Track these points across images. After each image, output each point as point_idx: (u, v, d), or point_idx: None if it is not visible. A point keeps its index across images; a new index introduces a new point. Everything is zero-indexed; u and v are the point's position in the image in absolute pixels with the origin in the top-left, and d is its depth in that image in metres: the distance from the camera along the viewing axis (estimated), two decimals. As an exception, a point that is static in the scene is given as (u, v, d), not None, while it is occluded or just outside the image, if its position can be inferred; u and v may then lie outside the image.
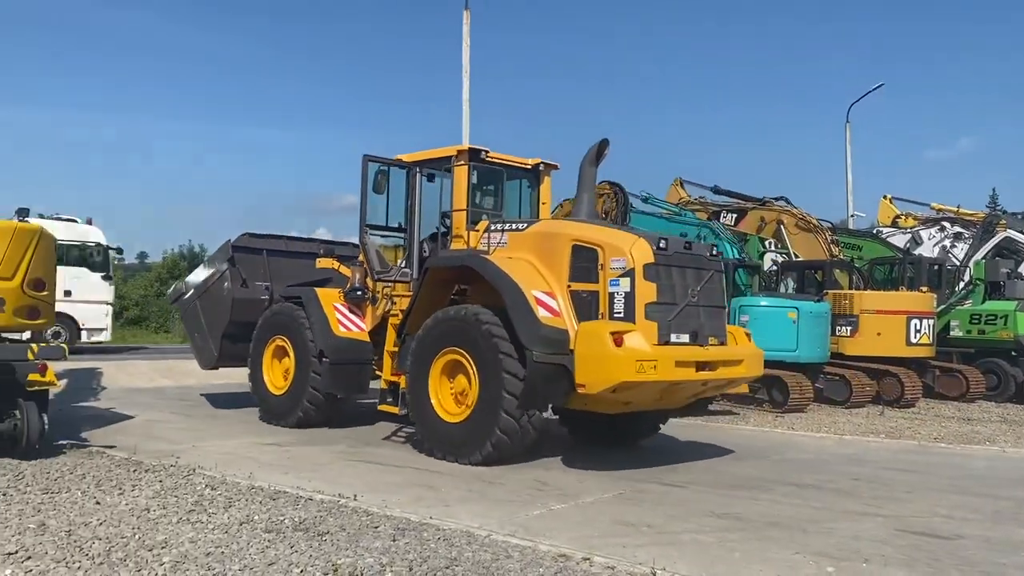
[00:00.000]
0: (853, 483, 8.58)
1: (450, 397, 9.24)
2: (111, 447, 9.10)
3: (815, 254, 18.23)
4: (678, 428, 12.52)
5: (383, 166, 10.61)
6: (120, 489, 7.02)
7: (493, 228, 9.78)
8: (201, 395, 14.72)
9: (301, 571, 4.96)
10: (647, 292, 8.36)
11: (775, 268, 18.05)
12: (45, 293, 8.83)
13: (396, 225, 11.22)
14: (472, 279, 9.53)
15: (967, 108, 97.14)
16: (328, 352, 10.79)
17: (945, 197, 26.98)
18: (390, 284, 10.76)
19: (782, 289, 17.45)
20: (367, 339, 11.01)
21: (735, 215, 19.96)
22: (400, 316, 10.22)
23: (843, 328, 16.31)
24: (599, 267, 8.64)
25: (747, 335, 9.64)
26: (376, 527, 6.04)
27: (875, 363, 16.10)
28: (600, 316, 8.52)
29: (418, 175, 10.62)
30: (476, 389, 8.82)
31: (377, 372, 10.90)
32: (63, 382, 10.66)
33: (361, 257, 11.09)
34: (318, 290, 11.31)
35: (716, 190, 21.18)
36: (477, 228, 9.94)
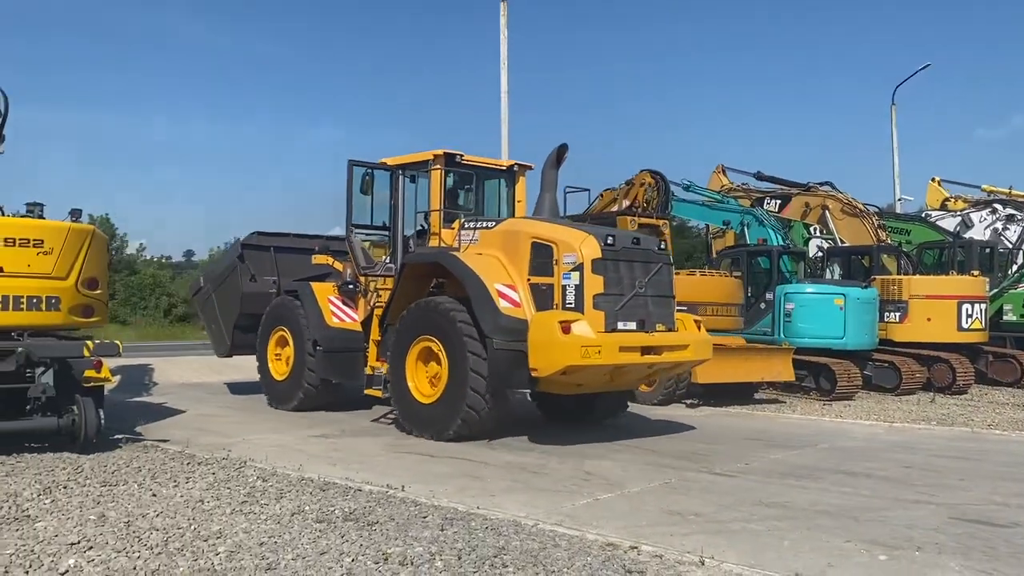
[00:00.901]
0: (904, 471, 8.45)
1: (425, 380, 10.04)
2: (165, 441, 9.32)
3: (861, 239, 17.93)
4: (724, 417, 12.45)
5: (368, 170, 11.28)
6: (175, 481, 7.19)
7: (466, 226, 10.57)
8: (250, 390, 14.96)
9: (352, 560, 5.04)
10: (595, 284, 9.18)
11: (820, 254, 17.82)
12: (99, 292, 9.07)
13: (381, 224, 11.80)
14: (447, 273, 10.21)
15: (1019, 84, 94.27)
16: (321, 341, 11.59)
17: (996, 178, 26.33)
18: (376, 278, 11.43)
19: (828, 275, 17.24)
20: (359, 329, 11.62)
21: (779, 201, 19.70)
22: (383, 308, 10.93)
23: (892, 314, 16.05)
24: (554, 262, 9.42)
25: (696, 322, 10.26)
26: (424, 517, 6.11)
27: (925, 349, 15.81)
28: (555, 307, 9.29)
29: (401, 177, 11.31)
30: (446, 373, 9.61)
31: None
32: (117, 378, 10.99)
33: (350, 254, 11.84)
34: (313, 284, 12.13)
35: (759, 176, 20.89)
36: (452, 226, 10.67)
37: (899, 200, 31.26)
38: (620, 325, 9.26)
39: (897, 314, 16.02)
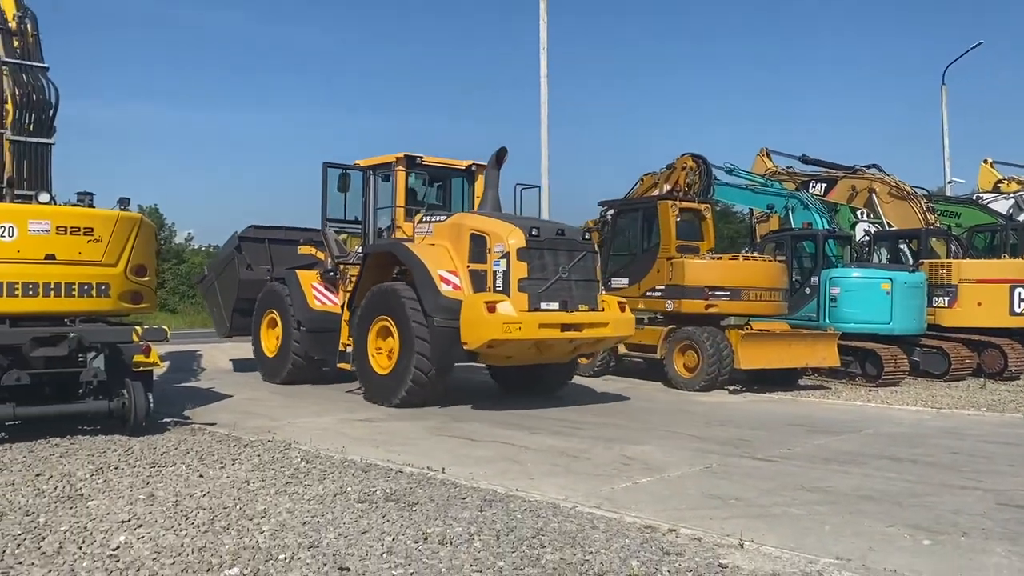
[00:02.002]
0: (952, 456, 8.30)
1: (383, 355, 11.35)
2: (212, 424, 9.52)
3: (909, 223, 17.57)
4: (767, 404, 12.35)
5: (344, 171, 12.58)
6: (221, 463, 7.35)
7: (423, 220, 12.03)
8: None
9: (393, 539, 5.11)
10: (520, 270, 10.50)
11: (867, 238, 17.49)
12: (147, 279, 9.26)
13: (353, 219, 13.14)
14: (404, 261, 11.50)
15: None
16: (304, 322, 13.09)
17: (1052, 159, 25.47)
18: (349, 266, 12.57)
19: (875, 260, 16.91)
20: (339, 311, 12.63)
21: (824, 185, 19.36)
22: (351, 292, 12.22)
23: (940, 299, 15.71)
24: (487, 251, 10.76)
25: (619, 303, 11.47)
26: (464, 498, 6.17)
27: (975, 334, 15.47)
28: (488, 289, 10.63)
29: (372, 176, 12.54)
30: (397, 348, 10.96)
31: None
32: (166, 364, 11.32)
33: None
34: (299, 272, 13.63)
35: (804, 159, 20.53)
36: (414, 220, 12.04)
37: (949, 182, 30.59)
38: (543, 305, 10.59)
39: (946, 299, 15.69)
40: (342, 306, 12.51)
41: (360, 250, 12.54)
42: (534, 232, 10.67)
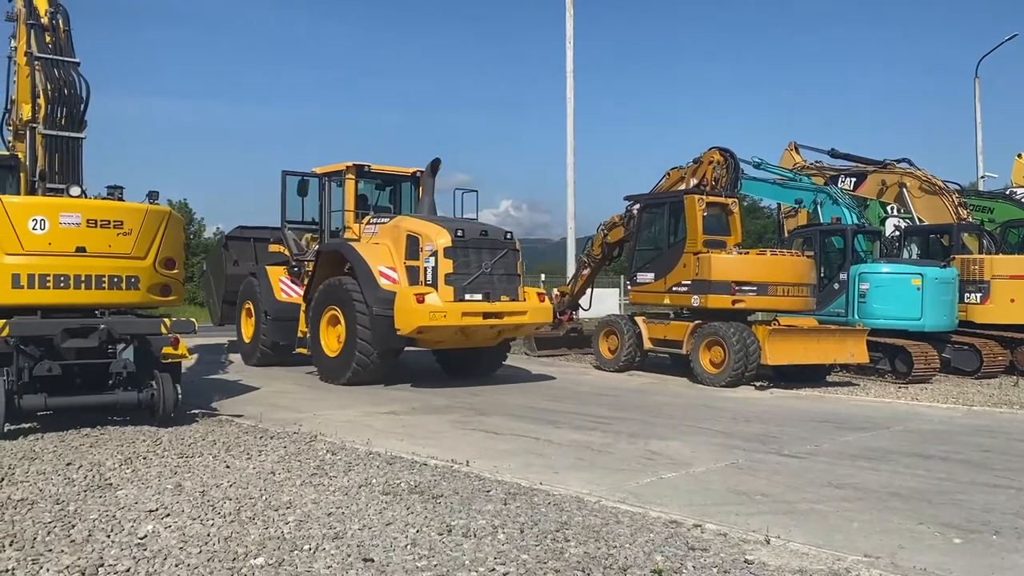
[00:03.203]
0: (983, 454, 8.17)
1: (333, 340, 12.87)
2: (239, 416, 9.60)
3: (941, 218, 17.29)
4: (794, 400, 12.24)
5: (303, 178, 14.35)
6: (248, 454, 7.41)
7: (370, 222, 13.58)
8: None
9: (417, 531, 5.12)
10: (446, 266, 12.03)
11: (897, 233, 17.25)
12: (175, 271, 9.35)
13: (311, 220, 14.96)
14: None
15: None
16: (270, 311, 14.71)
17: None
18: (309, 262, 13.98)
19: (905, 255, 16.69)
20: (302, 302, 14.00)
21: (854, 179, 19.11)
22: (306, 285, 13.81)
23: (972, 295, 15.47)
24: (420, 249, 12.27)
25: (538, 294, 13.11)
26: (488, 491, 6.17)
27: (1009, 331, 15.21)
28: (420, 283, 12.11)
29: (328, 182, 14.16)
30: (344, 334, 12.51)
31: None
32: (194, 356, 11.51)
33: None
34: (268, 267, 15.28)
35: (833, 153, 20.27)
36: (362, 222, 13.65)
37: (982, 177, 30.12)
38: (467, 296, 12.05)
39: (978, 295, 15.44)
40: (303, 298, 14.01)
41: (317, 248, 14.03)
42: (459, 233, 12.20)
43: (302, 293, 14.08)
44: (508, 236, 12.88)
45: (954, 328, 15.01)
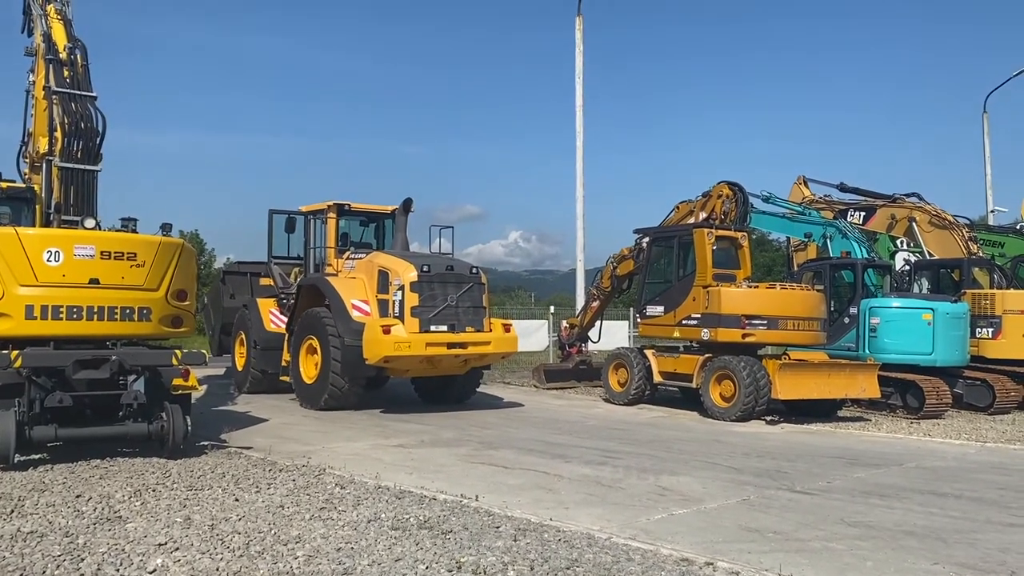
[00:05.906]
0: (998, 492, 8.09)
1: (311, 367, 13.64)
2: (248, 448, 9.58)
3: (951, 252, 17.25)
4: (805, 435, 12.15)
5: (289, 215, 15.38)
6: (257, 487, 7.39)
7: (349, 257, 14.48)
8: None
9: (426, 567, 5.09)
10: (413, 300, 12.75)
11: (908, 268, 17.20)
12: (187, 303, 9.40)
13: (296, 255, 16.13)
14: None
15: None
16: (259, 341, 15.41)
17: (1098, 188, 24.89)
18: (291, 295, 14.92)
19: (915, 290, 16.62)
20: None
21: (863, 213, 19.09)
22: (289, 316, 14.67)
23: (984, 330, 15.39)
24: (390, 283, 13.08)
25: (503, 326, 13.51)
26: (497, 527, 6.13)
27: (1021, 366, 15.10)
28: (390, 315, 12.84)
29: (312, 220, 15.26)
30: (320, 362, 13.26)
31: None
32: (204, 387, 11.55)
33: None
34: (259, 299, 16.14)
35: (842, 187, 20.27)
36: (342, 257, 14.54)
37: (992, 211, 30.07)
38: (433, 328, 12.69)
39: (990, 330, 15.36)
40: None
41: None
42: (425, 268, 12.91)
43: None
44: (474, 271, 13.57)
45: (966, 363, 14.91)
